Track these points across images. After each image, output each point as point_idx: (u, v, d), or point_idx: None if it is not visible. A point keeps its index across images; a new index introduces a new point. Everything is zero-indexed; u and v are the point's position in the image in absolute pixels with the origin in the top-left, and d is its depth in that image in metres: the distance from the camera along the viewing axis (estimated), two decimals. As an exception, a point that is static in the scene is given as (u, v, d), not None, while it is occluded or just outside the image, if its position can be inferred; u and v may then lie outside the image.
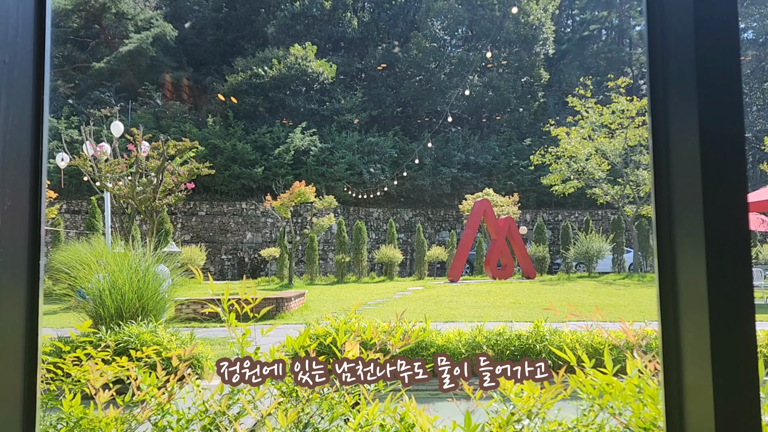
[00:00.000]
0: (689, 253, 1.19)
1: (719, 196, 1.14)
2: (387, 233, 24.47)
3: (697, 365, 1.19)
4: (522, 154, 33.51)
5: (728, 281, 1.15)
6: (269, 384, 2.00)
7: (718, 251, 1.14)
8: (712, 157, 1.15)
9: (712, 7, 1.10)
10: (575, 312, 2.62)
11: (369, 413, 1.81)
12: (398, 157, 32.56)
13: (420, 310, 12.78)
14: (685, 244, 1.20)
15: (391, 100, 37.72)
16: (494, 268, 20.94)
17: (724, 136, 1.15)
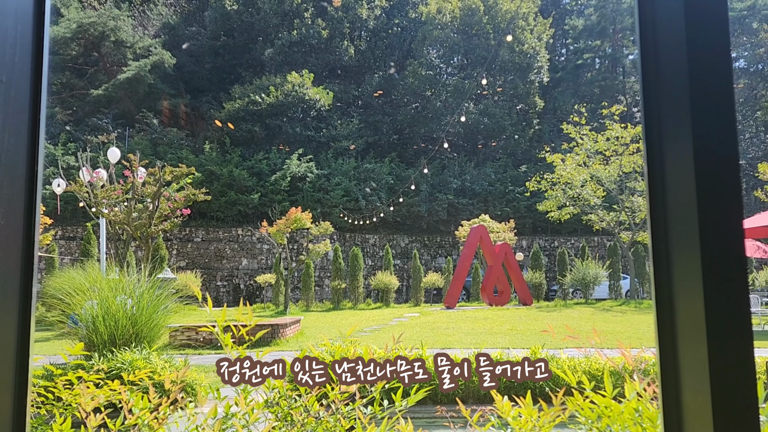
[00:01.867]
0: (686, 279, 1.19)
1: (715, 222, 1.14)
2: (383, 259, 24.42)
3: (696, 389, 1.19)
4: (518, 181, 33.68)
5: (725, 306, 1.15)
6: (263, 408, 1.97)
7: (714, 276, 1.14)
8: (708, 183, 1.15)
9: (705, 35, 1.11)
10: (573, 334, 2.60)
11: (365, 438, 1.79)
12: (394, 183, 32.68)
13: (416, 337, 12.68)
14: (681, 269, 1.20)
15: (388, 127, 38.00)
16: (491, 295, 20.87)
17: (719, 162, 1.15)
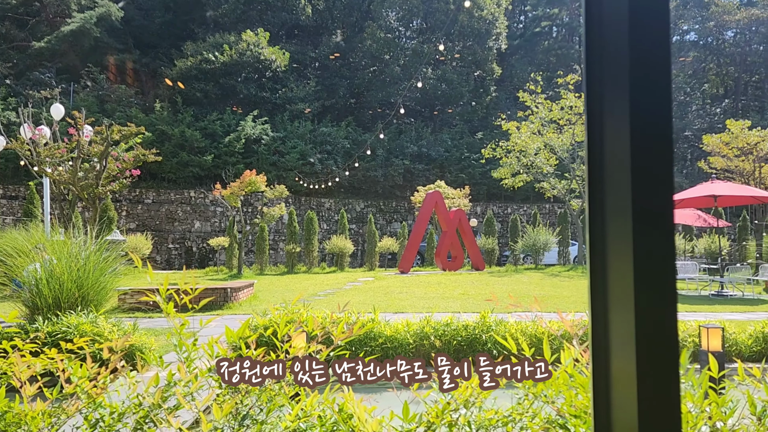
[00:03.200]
0: (618, 246, 1.21)
1: (646, 193, 1.16)
2: (338, 224, 24.40)
3: (623, 354, 1.22)
4: (474, 148, 33.93)
5: (653, 273, 1.17)
6: (207, 376, 1.96)
7: (644, 244, 1.16)
8: (642, 156, 1.17)
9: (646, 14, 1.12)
10: (516, 303, 2.67)
11: (307, 404, 1.80)
12: (351, 147, 32.46)
13: (370, 301, 12.81)
14: (614, 236, 1.22)
15: (345, 91, 37.53)
16: (444, 260, 21.17)
17: (653, 137, 1.17)
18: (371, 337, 7.85)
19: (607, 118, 1.21)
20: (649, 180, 1.13)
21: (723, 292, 15.08)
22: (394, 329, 7.93)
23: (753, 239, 22.80)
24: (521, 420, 1.84)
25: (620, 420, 1.21)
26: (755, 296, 14.68)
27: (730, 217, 29.77)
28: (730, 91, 46.27)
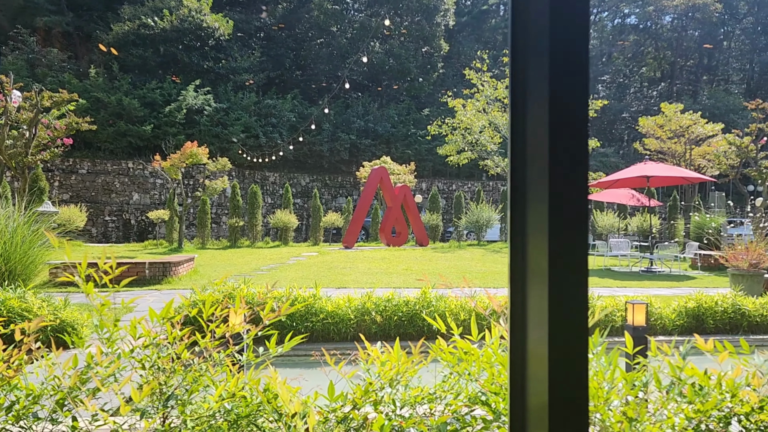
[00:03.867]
0: (536, 223, 1.23)
1: (563, 174, 1.18)
2: (283, 198, 24.13)
3: (538, 331, 1.25)
4: (420, 124, 34.05)
5: (566, 251, 1.20)
6: (129, 357, 1.90)
7: (558, 222, 1.18)
8: (559, 138, 1.19)
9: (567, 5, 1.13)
10: (445, 282, 2.72)
11: (231, 385, 1.78)
12: (296, 120, 32.02)
13: (313, 276, 12.79)
14: (533, 214, 1.24)
15: (291, 62, 36.84)
16: (389, 235, 21.30)
17: (570, 120, 1.19)
18: (313, 312, 7.84)
19: (529, 103, 1.23)
20: (565, 165, 1.16)
21: (652, 268, 15.80)
22: (335, 305, 7.95)
23: (681, 218, 23.91)
24: (446, 397, 1.88)
25: (534, 395, 1.24)
26: (681, 272, 15.44)
27: (662, 196, 31.07)
28: (666, 75, 47.93)
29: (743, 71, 48.22)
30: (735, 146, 19.91)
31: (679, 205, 25.02)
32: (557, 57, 1.17)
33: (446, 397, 1.87)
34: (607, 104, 29.39)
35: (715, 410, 1.70)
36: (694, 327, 8.43)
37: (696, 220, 20.20)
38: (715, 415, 1.70)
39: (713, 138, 26.12)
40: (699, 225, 19.55)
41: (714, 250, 15.36)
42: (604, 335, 2.07)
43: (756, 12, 46.54)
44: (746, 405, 1.72)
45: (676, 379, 1.78)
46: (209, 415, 1.81)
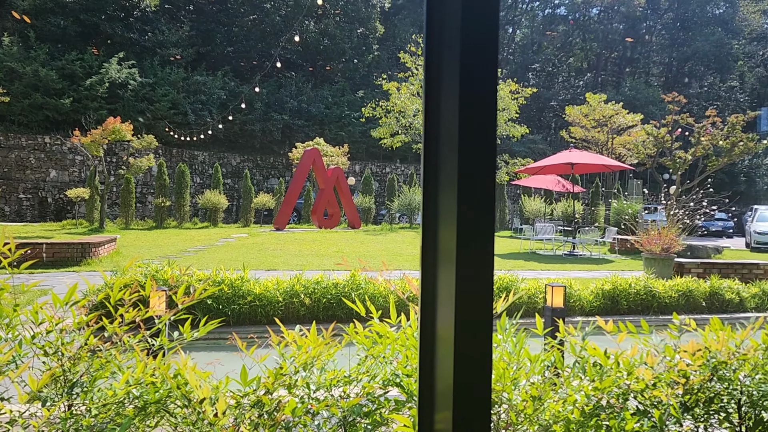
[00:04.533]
0: (446, 209, 1.25)
1: (471, 164, 1.20)
2: (212, 178, 23.53)
3: (446, 313, 1.26)
4: (354, 106, 33.87)
5: (474, 235, 1.21)
6: (30, 343, 1.80)
7: (467, 206, 1.20)
8: (468, 129, 1.21)
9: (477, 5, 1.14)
10: (364, 265, 2.72)
11: (139, 370, 1.72)
12: (227, 99, 31.16)
13: (242, 258, 12.58)
14: (444, 199, 1.25)
15: (222, 38, 35.72)
16: (321, 218, 21.19)
17: (478, 111, 1.20)
18: (240, 294, 7.71)
19: (442, 93, 1.24)
20: (474, 153, 1.18)
21: (574, 252, 16.46)
22: (263, 287, 7.85)
23: (603, 204, 24.98)
24: (363, 380, 1.89)
25: (442, 375, 1.26)
26: (601, 256, 16.16)
27: (586, 183, 32.31)
28: (593, 66, 49.65)
29: (663, 65, 50.57)
30: (652, 136, 20.91)
31: (601, 191, 26.12)
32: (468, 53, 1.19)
33: (363, 379, 1.88)
34: (536, 92, 30.18)
35: (614, 387, 1.79)
36: (609, 308, 8.86)
37: (615, 207, 21.15)
38: (614, 392, 1.80)
39: (633, 128, 27.36)
40: (618, 211, 20.49)
41: (630, 235, 16.14)
42: (517, 317, 2.14)
43: (676, 8, 48.81)
44: (641, 382, 1.82)
45: (579, 358, 1.86)
46: (118, 402, 1.75)
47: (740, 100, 45.33)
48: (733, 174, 38.37)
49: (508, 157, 29.69)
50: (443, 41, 1.22)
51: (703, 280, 9.77)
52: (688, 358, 1.90)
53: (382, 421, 1.74)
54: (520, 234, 19.93)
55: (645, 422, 1.70)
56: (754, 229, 21.64)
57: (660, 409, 1.76)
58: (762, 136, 25.67)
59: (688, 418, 1.88)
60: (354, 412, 1.70)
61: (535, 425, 1.69)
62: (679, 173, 19.63)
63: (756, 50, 48.07)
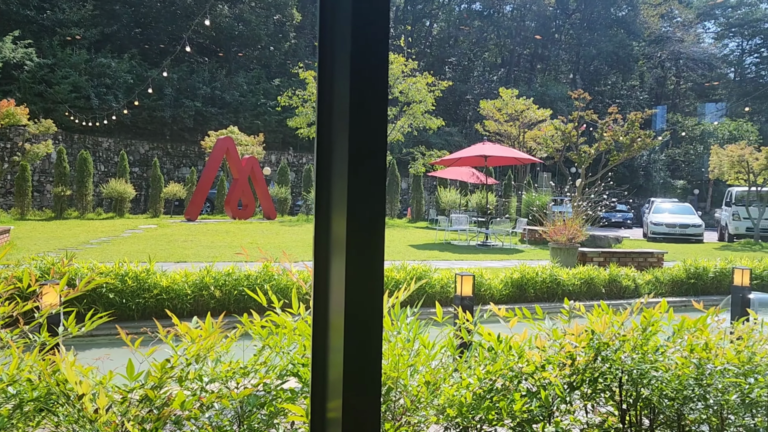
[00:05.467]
0: (338, 196, 1.24)
1: (361, 150, 1.20)
2: (118, 166, 22.42)
3: (337, 303, 1.25)
4: (270, 94, 33.22)
5: (364, 225, 1.21)
6: None
7: (357, 194, 1.20)
8: (359, 123, 1.20)
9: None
10: (266, 255, 2.68)
11: (12, 367, 1.59)
12: (135, 83, 29.69)
13: (150, 250, 12.07)
14: (335, 190, 1.25)
15: (129, 19, 33.96)
16: (234, 208, 20.70)
17: (369, 106, 1.21)
18: (146, 288, 7.41)
19: (336, 86, 1.23)
20: (364, 146, 1.17)
21: (487, 242, 16.96)
22: (171, 280, 7.58)
23: (514, 196, 25.89)
24: (261, 370, 1.84)
25: (334, 364, 1.24)
26: (512, 246, 16.74)
27: (499, 175, 33.36)
28: (506, 62, 51.21)
29: (571, 63, 52.92)
30: (560, 131, 21.85)
31: (513, 183, 27.06)
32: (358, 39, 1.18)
33: (261, 370, 1.83)
34: (452, 85, 30.78)
35: (507, 370, 1.85)
36: (518, 296, 9.20)
37: (526, 199, 21.97)
38: (507, 375, 1.85)
39: (543, 123, 28.47)
40: (528, 203, 21.29)
41: (539, 226, 16.82)
42: (418, 306, 2.16)
43: (583, 9, 51.15)
44: (531, 365, 1.89)
45: (476, 344, 1.91)
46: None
47: (640, 98, 48.21)
48: (632, 168, 40.78)
49: (425, 149, 30.13)
50: (336, 27, 1.21)
51: (603, 268, 10.34)
52: (574, 341, 1.99)
53: (278, 411, 1.71)
54: (435, 225, 20.32)
55: (533, 402, 1.77)
56: (650, 220, 23.13)
57: (548, 389, 1.83)
58: (658, 133, 27.45)
59: (576, 397, 1.98)
60: (250, 403, 1.66)
61: (430, 409, 1.71)
62: (584, 167, 20.64)
63: (654, 52, 51.24)
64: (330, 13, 1.22)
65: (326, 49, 1.24)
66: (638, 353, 2.00)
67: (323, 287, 1.28)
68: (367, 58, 1.18)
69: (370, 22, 1.18)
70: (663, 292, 10.23)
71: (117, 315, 7.24)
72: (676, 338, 2.14)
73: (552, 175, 32.45)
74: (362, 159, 1.18)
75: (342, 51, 1.18)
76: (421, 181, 27.05)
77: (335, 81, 1.21)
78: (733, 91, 51.15)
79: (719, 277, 10.52)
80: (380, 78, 1.20)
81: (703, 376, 1.94)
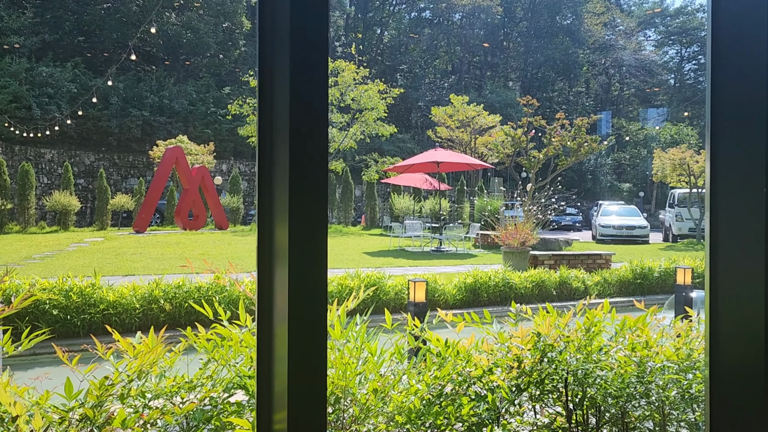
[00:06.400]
0: (280, 207, 1.24)
1: (302, 158, 1.20)
2: (62, 178, 21.68)
3: (281, 311, 1.24)
4: (220, 103, 32.74)
5: (306, 234, 1.21)
6: None
7: (298, 207, 1.20)
8: (298, 130, 1.21)
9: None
10: (211, 266, 2.64)
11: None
12: (78, 92, 28.78)
13: (96, 264, 11.71)
14: (277, 198, 1.25)
15: (72, 27, 32.95)
16: (185, 219, 20.28)
17: (308, 110, 1.21)
18: (90, 303, 7.17)
19: (276, 94, 1.23)
20: (306, 152, 1.18)
21: (441, 248, 17.10)
22: (118, 294, 7.36)
23: (467, 202, 26.22)
24: (208, 384, 1.81)
25: (279, 375, 1.23)
26: (466, 251, 16.93)
27: (452, 181, 33.76)
28: (456, 69, 51.93)
29: (519, 70, 54.06)
30: (510, 137, 22.28)
31: (465, 189, 27.41)
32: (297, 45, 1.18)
33: (207, 384, 1.80)
34: (404, 92, 31.00)
35: (455, 374, 1.87)
36: (471, 300, 9.30)
37: (478, 204, 22.28)
38: (455, 380, 1.87)
39: (493, 129, 28.97)
40: (480, 208, 21.59)
41: (492, 230, 17.07)
42: (368, 314, 2.16)
43: (530, 17, 52.40)
44: (479, 368, 1.91)
45: (424, 349, 1.92)
46: None
47: (586, 104, 49.64)
48: (581, 172, 41.89)
49: (378, 156, 30.22)
50: (275, 37, 1.20)
51: (554, 270, 10.56)
52: (521, 343, 2.03)
53: (224, 425, 1.68)
54: (390, 231, 20.37)
55: (481, 406, 1.79)
56: (598, 222, 23.78)
57: (496, 392, 1.85)
58: (604, 138, 28.29)
59: (525, 398, 2.01)
60: (195, 418, 1.62)
61: (380, 417, 1.71)
62: (534, 172, 21.07)
63: (599, 59, 52.87)
64: (269, 22, 1.22)
65: (266, 58, 1.23)
66: (582, 353, 2.05)
67: (267, 297, 1.27)
68: (307, 65, 1.18)
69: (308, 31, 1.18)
70: (611, 293, 10.52)
71: (61, 332, 7.00)
72: (618, 338, 2.21)
73: (503, 180, 33.02)
74: (303, 167, 1.18)
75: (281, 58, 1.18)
76: (374, 188, 27.10)
77: (275, 89, 1.21)
78: (673, 97, 53.22)
79: (664, 277, 10.88)
80: (320, 85, 1.20)
81: (645, 373, 2.00)
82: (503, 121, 29.31)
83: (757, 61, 1.16)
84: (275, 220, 1.22)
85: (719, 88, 1.19)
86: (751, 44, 1.17)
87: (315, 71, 1.20)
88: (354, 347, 1.82)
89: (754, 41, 1.17)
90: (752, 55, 1.17)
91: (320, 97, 1.20)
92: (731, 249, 1.22)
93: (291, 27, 1.19)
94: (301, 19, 1.17)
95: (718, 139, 1.20)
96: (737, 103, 1.19)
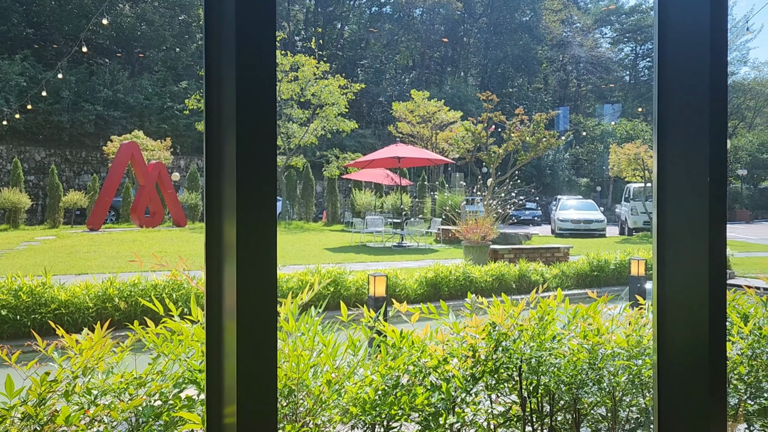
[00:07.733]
0: (228, 203, 1.23)
1: (249, 153, 1.20)
2: (11, 174, 20.94)
3: (230, 305, 1.23)
4: (178, 97, 32.09)
5: (254, 229, 1.20)
6: None
7: (247, 203, 1.19)
8: (246, 124, 1.20)
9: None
10: (162, 262, 2.59)
11: None
12: (28, 86, 27.79)
13: (48, 263, 11.36)
14: (225, 194, 1.24)
15: (20, 18, 31.79)
16: (141, 216, 19.83)
17: (257, 104, 1.20)
18: (42, 303, 6.95)
19: (223, 88, 1.22)
20: (254, 147, 1.17)
21: (403, 243, 17.15)
22: (70, 293, 7.16)
23: (429, 197, 26.37)
24: (158, 379, 1.77)
25: (229, 368, 1.22)
26: (427, 246, 17.03)
27: (413, 176, 33.89)
28: (417, 64, 52.11)
29: (479, 65, 54.58)
30: (471, 132, 22.49)
31: (427, 184, 27.55)
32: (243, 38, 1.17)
33: (158, 379, 1.76)
34: (365, 87, 30.94)
35: (410, 365, 1.87)
36: (432, 294, 9.36)
37: (439, 199, 22.42)
38: (411, 370, 1.88)
39: (454, 124, 29.19)
40: (442, 203, 21.73)
41: (453, 225, 17.21)
42: (322, 306, 2.15)
43: (489, 14, 52.91)
44: (435, 359, 1.92)
45: (377, 339, 1.92)
46: None
47: (544, 100, 50.43)
48: (540, 167, 42.58)
49: (339, 152, 30.10)
50: (222, 27, 1.19)
51: (513, 264, 10.72)
52: (475, 332, 2.04)
53: (174, 421, 1.64)
54: (351, 227, 20.34)
55: (435, 395, 1.80)
56: (557, 216, 24.23)
57: (451, 382, 1.87)
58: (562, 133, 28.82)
59: (481, 388, 2.03)
60: (144, 414, 1.59)
61: (335, 409, 1.71)
62: (494, 167, 21.32)
63: (557, 56, 53.81)
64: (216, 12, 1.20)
65: (212, 51, 1.22)
66: (536, 342, 2.08)
67: (216, 292, 1.26)
68: (254, 58, 1.17)
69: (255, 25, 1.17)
70: (569, 285, 10.73)
71: (10, 333, 6.77)
72: (571, 326, 2.25)
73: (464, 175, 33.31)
74: (251, 162, 1.17)
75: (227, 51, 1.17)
76: (335, 183, 27.01)
77: (222, 84, 1.19)
78: (628, 93, 54.59)
79: (619, 269, 11.16)
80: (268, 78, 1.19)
81: (596, 360, 2.05)
82: (464, 117, 29.56)
83: (700, 60, 1.20)
84: (224, 216, 1.21)
85: (665, 84, 1.22)
86: (694, 44, 1.21)
87: (262, 64, 1.18)
88: (307, 339, 1.81)
89: (697, 40, 1.20)
90: (695, 55, 1.20)
91: (268, 91, 1.19)
92: (677, 236, 1.25)
93: (237, 20, 1.17)
94: (247, 13, 1.15)
95: (665, 132, 1.24)
96: (682, 98, 1.22)
